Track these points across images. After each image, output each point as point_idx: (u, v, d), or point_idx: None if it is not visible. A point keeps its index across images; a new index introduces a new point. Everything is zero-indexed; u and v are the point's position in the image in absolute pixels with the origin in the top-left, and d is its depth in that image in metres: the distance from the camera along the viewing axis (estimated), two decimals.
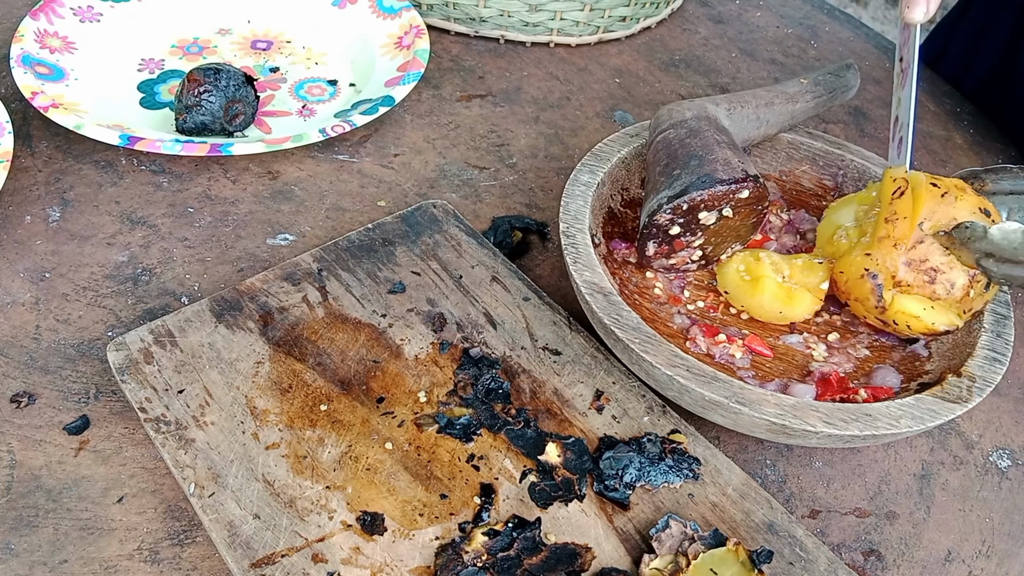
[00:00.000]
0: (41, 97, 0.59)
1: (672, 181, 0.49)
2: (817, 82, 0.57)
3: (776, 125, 0.56)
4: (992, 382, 0.44)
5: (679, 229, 0.49)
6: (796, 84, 0.57)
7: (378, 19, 0.73)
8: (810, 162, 0.59)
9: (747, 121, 0.54)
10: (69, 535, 0.41)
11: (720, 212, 0.49)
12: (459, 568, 0.39)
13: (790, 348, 0.50)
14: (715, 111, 0.53)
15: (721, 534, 0.41)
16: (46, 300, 0.51)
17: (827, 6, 0.91)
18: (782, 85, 0.57)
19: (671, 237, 0.50)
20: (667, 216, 0.49)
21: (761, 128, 0.56)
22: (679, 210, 0.48)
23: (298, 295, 0.50)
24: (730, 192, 0.48)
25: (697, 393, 0.42)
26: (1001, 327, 0.47)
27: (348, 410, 0.45)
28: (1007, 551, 0.46)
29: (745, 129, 0.55)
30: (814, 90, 0.57)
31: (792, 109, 0.56)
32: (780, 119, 0.56)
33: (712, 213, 0.49)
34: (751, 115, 0.55)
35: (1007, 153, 0.74)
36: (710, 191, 0.48)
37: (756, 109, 0.55)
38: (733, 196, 0.48)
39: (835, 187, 0.59)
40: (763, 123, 0.55)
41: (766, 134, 0.57)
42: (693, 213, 0.49)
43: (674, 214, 0.49)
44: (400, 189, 0.62)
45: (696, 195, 0.48)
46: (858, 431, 0.41)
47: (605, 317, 0.45)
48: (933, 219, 0.46)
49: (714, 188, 0.48)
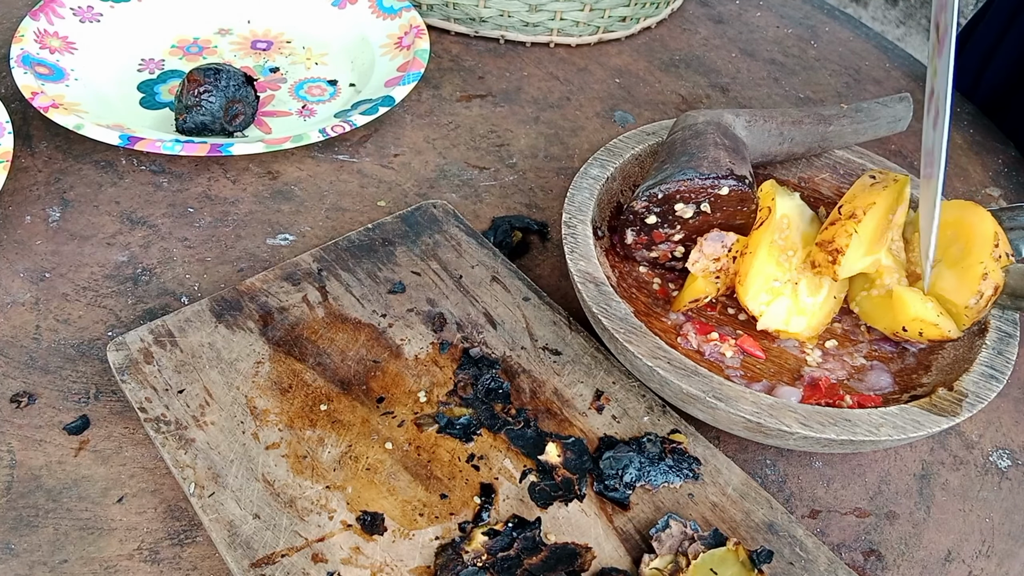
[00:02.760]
0: (41, 97, 0.59)
1: (657, 173, 0.50)
2: (859, 108, 0.57)
3: (803, 144, 0.56)
4: (985, 399, 0.44)
5: (656, 219, 0.50)
6: (835, 108, 0.57)
7: (378, 19, 0.73)
8: (830, 170, 0.58)
9: (768, 135, 0.54)
10: (69, 535, 0.41)
11: (699, 207, 0.49)
12: (459, 568, 0.39)
13: (784, 351, 0.50)
14: (732, 120, 0.53)
15: (721, 534, 0.41)
16: (46, 300, 0.51)
17: (827, 6, 0.91)
18: (820, 107, 0.57)
19: (649, 227, 0.50)
20: (643, 203, 0.49)
21: (784, 145, 0.55)
22: (655, 198, 0.49)
23: (298, 295, 0.50)
24: (708, 187, 0.48)
25: (676, 386, 0.43)
26: (1004, 345, 0.47)
27: (348, 410, 0.45)
28: (1007, 551, 0.46)
29: (765, 143, 0.54)
30: (853, 115, 0.56)
31: (824, 130, 0.56)
32: (808, 139, 0.56)
33: (689, 206, 0.49)
34: (774, 130, 0.54)
35: (1007, 153, 0.73)
36: (686, 182, 0.48)
37: (780, 125, 0.55)
38: (711, 191, 0.48)
39: None
40: (787, 140, 0.55)
41: (791, 151, 0.56)
42: (669, 203, 0.49)
43: (650, 202, 0.49)
44: (400, 189, 0.62)
45: (672, 185, 0.48)
46: (835, 435, 0.41)
47: (594, 306, 0.45)
48: (854, 202, 0.49)
49: (691, 180, 0.48)
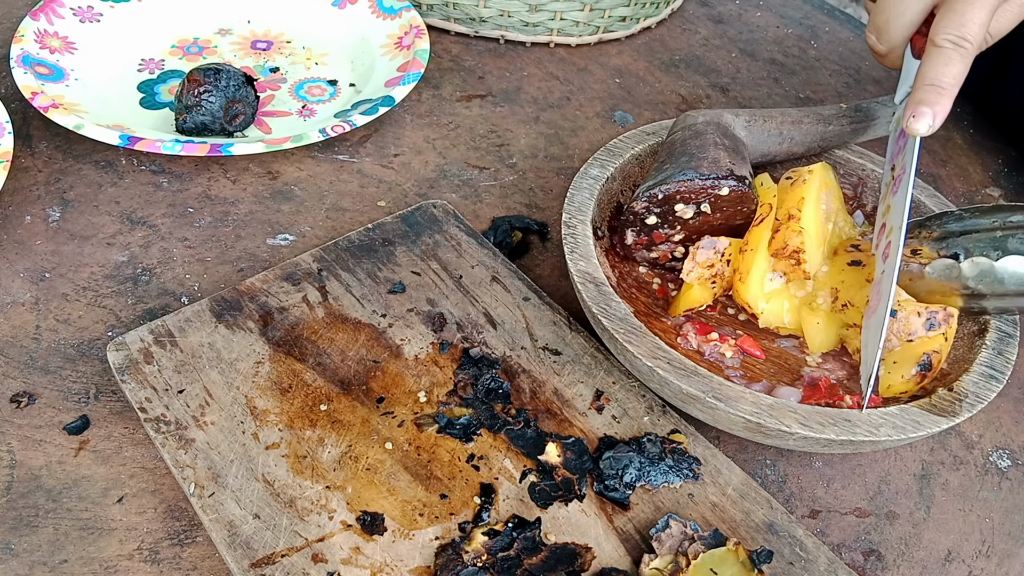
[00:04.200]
0: (41, 97, 0.59)
1: (657, 173, 0.50)
2: (858, 108, 0.57)
3: (802, 144, 0.56)
4: (985, 399, 0.44)
5: (656, 219, 0.50)
6: (834, 108, 0.57)
7: (378, 19, 0.73)
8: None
9: (767, 135, 0.54)
10: (69, 535, 0.41)
11: (699, 207, 0.49)
12: (459, 568, 0.39)
13: (784, 351, 0.50)
14: (732, 120, 0.53)
15: (721, 534, 0.41)
16: (46, 300, 0.51)
17: (827, 6, 0.91)
18: (820, 107, 0.57)
19: (649, 228, 0.50)
20: (643, 204, 0.49)
21: (784, 144, 0.55)
22: (655, 199, 0.49)
23: (298, 295, 0.50)
24: (708, 187, 0.48)
25: (675, 386, 0.43)
26: (1003, 345, 0.47)
27: (348, 410, 0.45)
28: (1007, 551, 0.46)
29: (764, 143, 0.54)
30: (853, 115, 0.56)
31: (823, 130, 0.56)
32: (808, 138, 0.56)
33: (689, 207, 0.49)
34: (773, 130, 0.54)
35: (1007, 153, 0.73)
36: (687, 183, 0.48)
37: (780, 125, 0.55)
38: (711, 192, 0.48)
39: (854, 196, 0.58)
40: (786, 140, 0.55)
41: (790, 151, 0.56)
42: (669, 204, 0.49)
43: (650, 203, 0.49)
44: (400, 189, 0.62)
45: (672, 185, 0.48)
46: (834, 435, 0.41)
47: (594, 306, 0.45)
48: (785, 206, 0.49)
49: (692, 181, 0.48)
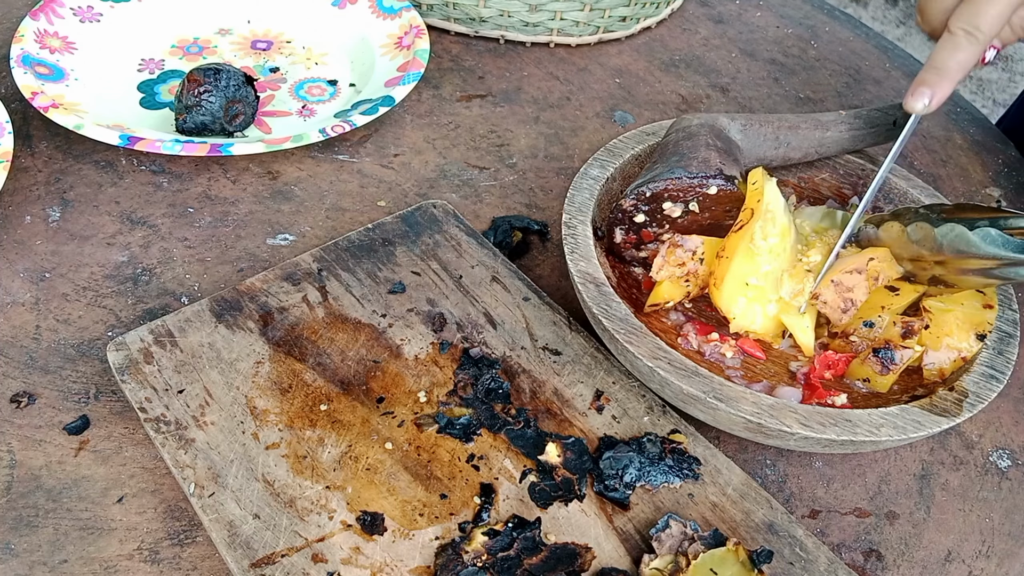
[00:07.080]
0: (41, 97, 0.59)
1: (647, 172, 0.50)
2: (858, 115, 0.57)
3: (799, 149, 0.56)
4: (986, 399, 0.44)
5: (644, 218, 0.50)
6: (834, 114, 0.57)
7: (378, 19, 0.73)
8: (830, 170, 0.58)
9: (763, 139, 0.54)
10: (69, 535, 0.41)
11: (687, 206, 0.49)
12: (459, 568, 0.39)
13: (784, 352, 0.50)
14: (727, 124, 0.53)
15: (721, 534, 0.41)
16: (46, 300, 0.51)
17: (827, 6, 0.91)
18: (819, 113, 0.57)
19: (637, 226, 0.50)
20: (631, 201, 0.49)
21: (780, 149, 0.55)
22: (643, 196, 0.49)
23: (298, 295, 0.50)
24: (696, 186, 0.48)
25: (676, 386, 0.43)
26: (1004, 345, 0.47)
27: (348, 410, 0.45)
28: (1007, 551, 0.46)
29: (760, 147, 0.54)
30: (852, 122, 0.56)
31: (821, 136, 0.56)
32: (805, 144, 0.56)
33: (677, 205, 0.49)
34: (769, 134, 0.54)
35: (1007, 153, 0.73)
36: (674, 181, 0.48)
37: (777, 130, 0.55)
38: (699, 191, 0.48)
39: (853, 195, 0.58)
40: (783, 144, 0.55)
41: (787, 156, 0.56)
42: (658, 202, 0.49)
43: (638, 200, 0.49)
44: (400, 189, 0.62)
45: (660, 183, 0.48)
46: (835, 435, 0.41)
47: (594, 306, 0.45)
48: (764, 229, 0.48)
49: (679, 179, 0.48)
